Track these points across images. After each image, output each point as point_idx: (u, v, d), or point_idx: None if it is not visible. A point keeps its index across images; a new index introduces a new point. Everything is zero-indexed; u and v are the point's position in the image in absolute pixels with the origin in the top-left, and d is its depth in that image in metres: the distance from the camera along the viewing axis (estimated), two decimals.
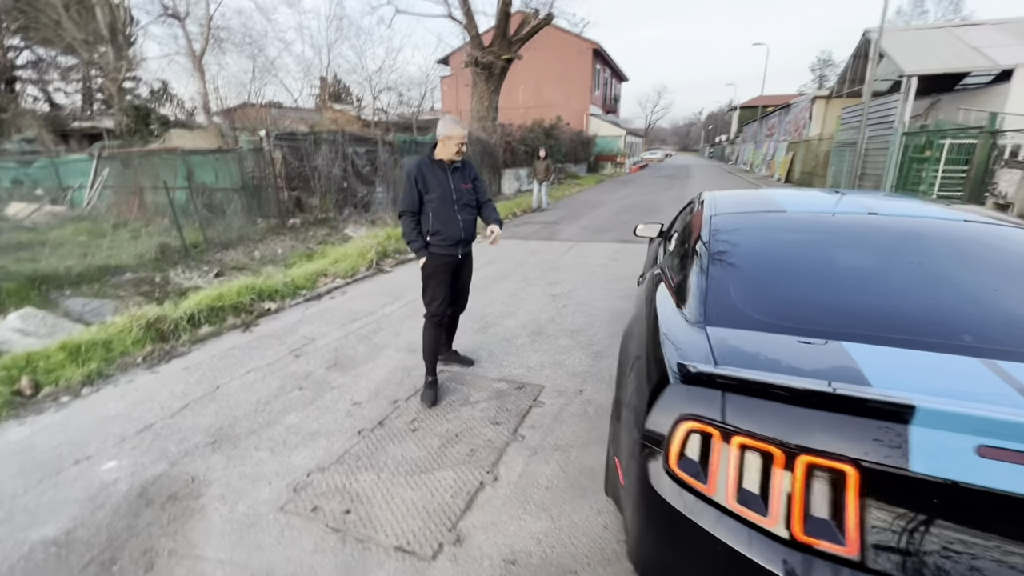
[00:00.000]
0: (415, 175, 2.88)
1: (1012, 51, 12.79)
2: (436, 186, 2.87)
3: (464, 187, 2.97)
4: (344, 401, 3.11)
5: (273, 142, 9.67)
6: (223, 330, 4.45)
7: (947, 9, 44.01)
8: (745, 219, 2.06)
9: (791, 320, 1.45)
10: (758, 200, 2.32)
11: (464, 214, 2.96)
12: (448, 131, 2.84)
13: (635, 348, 1.72)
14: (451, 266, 3.03)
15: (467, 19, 16.51)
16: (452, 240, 2.94)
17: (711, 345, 1.34)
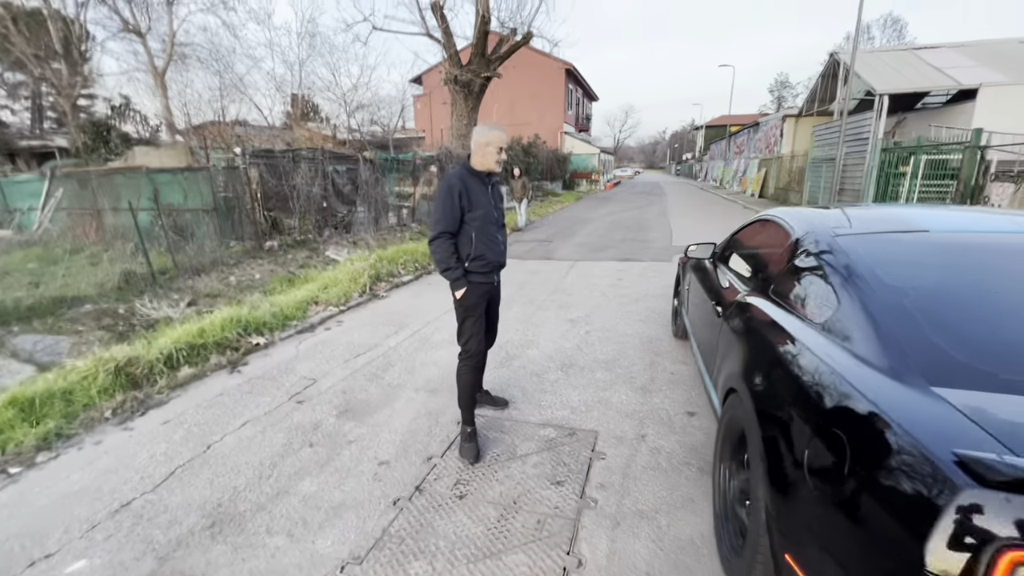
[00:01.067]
0: (459, 189, 2.40)
1: (972, 72, 13.42)
2: (480, 202, 2.46)
3: (500, 204, 2.63)
4: (367, 460, 2.62)
5: (249, 159, 9.06)
6: (206, 371, 3.86)
7: (891, 35, 46.98)
8: (890, 242, 1.73)
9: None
10: (877, 219, 2.01)
11: (503, 234, 2.65)
12: (486, 136, 2.44)
13: (798, 416, 1.34)
14: (488, 295, 2.65)
15: (445, 37, 16.33)
16: (493, 265, 2.59)
17: (976, 422, 0.97)
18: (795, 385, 1.40)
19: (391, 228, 12.68)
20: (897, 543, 0.94)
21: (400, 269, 7.42)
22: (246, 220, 9.42)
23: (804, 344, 1.50)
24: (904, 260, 1.60)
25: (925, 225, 1.82)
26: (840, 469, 1.12)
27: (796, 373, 1.43)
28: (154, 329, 5.15)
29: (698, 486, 2.32)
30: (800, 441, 1.30)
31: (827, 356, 1.38)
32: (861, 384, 1.20)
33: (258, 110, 19.77)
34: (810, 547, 1.21)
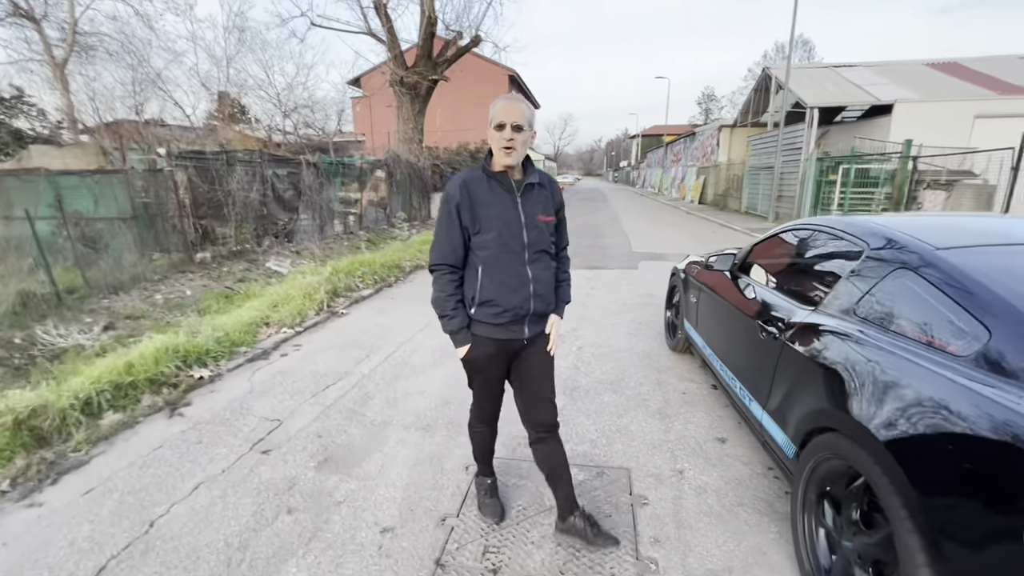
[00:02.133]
0: (457, 200, 1.70)
1: (887, 89, 14.67)
2: (492, 220, 1.69)
3: (543, 219, 1.76)
4: (365, 527, 2.13)
5: (175, 161, 8.03)
6: (138, 417, 3.15)
7: (803, 54, 51.25)
8: (1014, 257, 1.54)
9: None
10: (960, 230, 1.83)
11: (539, 267, 1.77)
12: (492, 112, 1.68)
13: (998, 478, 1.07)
14: (510, 356, 1.86)
15: (390, 37, 15.72)
16: (515, 314, 1.75)
17: None
18: (974, 437, 1.14)
19: (337, 236, 11.87)
20: None
21: (358, 282, 6.80)
22: (172, 229, 8.35)
23: (958, 384, 1.24)
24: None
25: (1011, 238, 1.66)
26: None
27: (970, 423, 1.16)
28: (61, 360, 4.29)
29: (762, 533, 2.05)
30: (1004, 513, 1.03)
31: (1012, 401, 1.12)
32: None
33: (179, 108, 18.01)
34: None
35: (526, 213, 1.73)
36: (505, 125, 1.62)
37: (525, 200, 1.74)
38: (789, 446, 1.90)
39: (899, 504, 1.28)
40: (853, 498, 1.54)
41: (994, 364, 1.24)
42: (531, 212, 1.74)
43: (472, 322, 1.79)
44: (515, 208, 1.72)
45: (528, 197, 1.75)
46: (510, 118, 1.62)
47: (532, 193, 1.76)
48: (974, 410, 1.17)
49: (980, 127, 13.07)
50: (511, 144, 1.63)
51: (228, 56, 18.52)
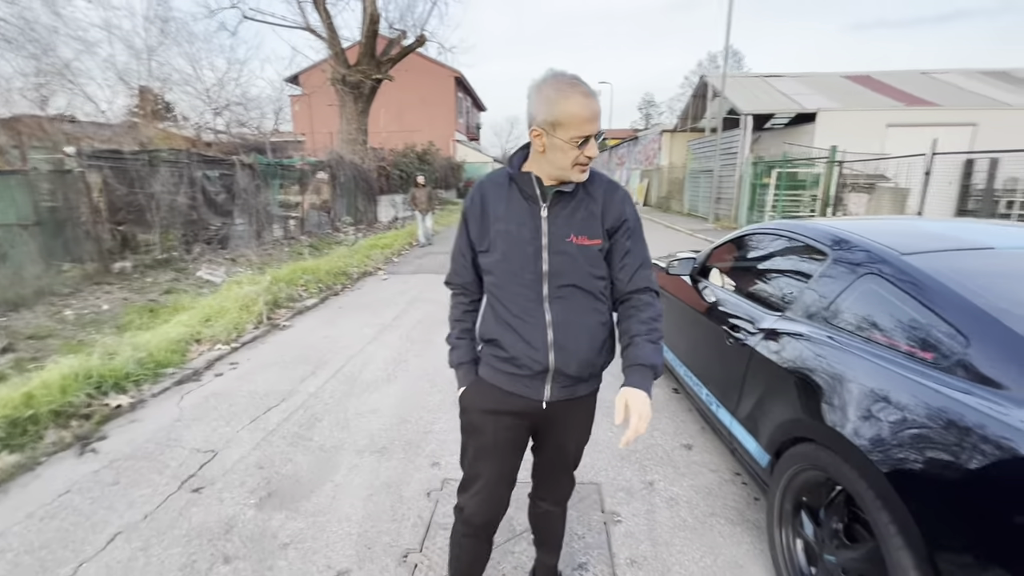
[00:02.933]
0: (467, 207, 1.36)
1: (811, 98, 15.73)
2: (502, 234, 1.28)
3: (578, 242, 1.26)
4: (317, 572, 1.90)
5: (88, 161, 7.24)
6: (39, 457, 2.72)
7: (733, 64, 54.31)
8: (975, 262, 1.56)
9: None
10: (921, 235, 1.86)
11: (566, 308, 1.27)
12: (557, 110, 1.16)
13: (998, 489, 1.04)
14: (525, 420, 1.36)
15: (330, 33, 15.10)
16: (527, 367, 1.28)
17: None
18: (964, 448, 1.11)
19: (277, 242, 11.22)
20: None
21: (302, 291, 6.38)
22: (85, 236, 7.51)
23: (942, 394, 1.22)
24: (1008, 283, 1.42)
25: (984, 242, 1.71)
26: None
27: (957, 432, 1.14)
28: None
29: (737, 544, 2.01)
30: (1001, 525, 1.00)
31: (997, 411, 1.10)
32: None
33: (93, 103, 16.40)
34: None
35: (552, 231, 1.24)
36: (590, 138, 1.17)
37: (555, 213, 1.25)
38: (762, 455, 1.87)
39: (887, 519, 1.24)
40: (834, 511, 1.51)
41: (973, 371, 1.24)
42: (560, 230, 1.25)
43: (481, 360, 1.37)
44: (533, 223, 1.25)
45: (560, 209, 1.26)
46: (594, 127, 1.17)
47: (569, 204, 1.26)
48: (961, 419, 1.15)
49: (891, 135, 14.26)
50: (588, 162, 1.22)
51: (149, 48, 17.09)
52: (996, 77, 17.56)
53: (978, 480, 1.08)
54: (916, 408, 1.26)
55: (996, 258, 1.61)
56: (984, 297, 1.34)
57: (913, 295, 1.48)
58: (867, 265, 1.69)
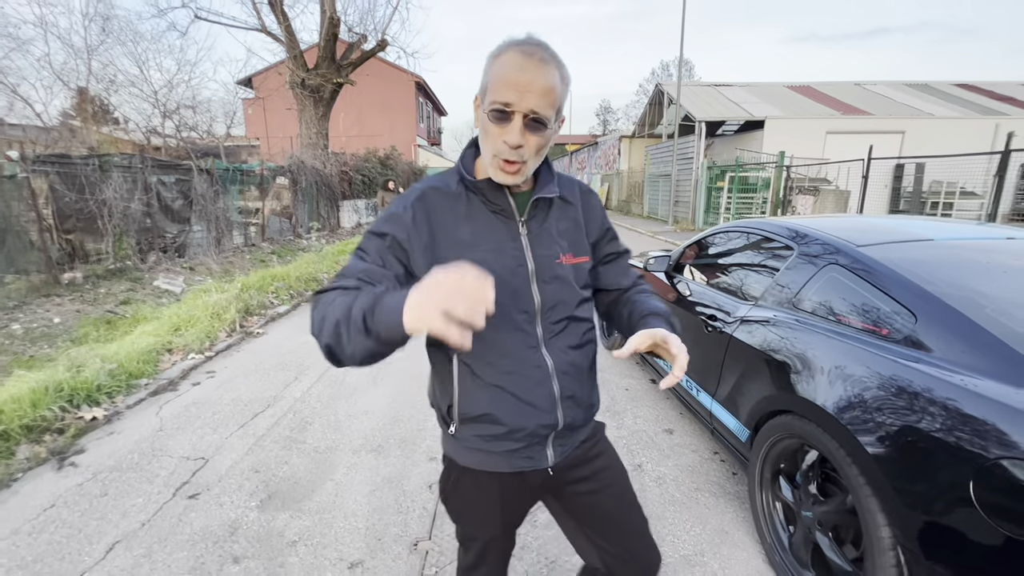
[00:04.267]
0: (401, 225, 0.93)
1: (759, 107, 16.67)
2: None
3: (568, 261, 1.00)
4: (330, 564, 1.95)
5: (33, 167, 6.84)
6: (14, 473, 2.61)
7: (685, 73, 56.54)
8: (923, 252, 1.80)
9: None
10: (871, 230, 2.11)
11: (564, 347, 0.99)
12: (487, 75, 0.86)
13: (938, 441, 1.25)
14: (526, 497, 1.10)
15: (288, 36, 14.80)
16: (529, 434, 0.98)
17: None
18: (919, 407, 1.32)
19: (237, 249, 10.88)
20: None
21: (272, 298, 6.26)
22: (30, 246, 7.07)
23: (899, 363, 1.44)
24: (945, 268, 1.67)
25: (922, 234, 1.97)
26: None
27: (913, 394, 1.35)
28: None
29: (721, 514, 2.20)
30: (950, 470, 1.21)
31: (948, 375, 1.32)
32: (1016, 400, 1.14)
33: (27, 105, 15.34)
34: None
35: (537, 254, 0.96)
36: (512, 112, 0.82)
37: (536, 228, 0.97)
38: (742, 431, 2.07)
39: (857, 473, 1.44)
40: (809, 472, 1.72)
41: (921, 344, 1.46)
42: (547, 249, 0.97)
43: (457, 436, 1.01)
44: (514, 245, 0.95)
45: (540, 222, 0.98)
46: (525, 100, 0.81)
47: (549, 215, 0.99)
48: (914, 385, 1.36)
49: (831, 141, 15.32)
50: (517, 158, 0.86)
51: (89, 47, 16.18)
52: (920, 89, 19.17)
53: (929, 431, 1.28)
54: (877, 376, 1.47)
55: (935, 248, 1.87)
56: (927, 280, 1.57)
57: (868, 280, 1.71)
58: (828, 256, 1.92)
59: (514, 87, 0.81)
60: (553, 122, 0.87)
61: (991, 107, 16.95)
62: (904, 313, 1.55)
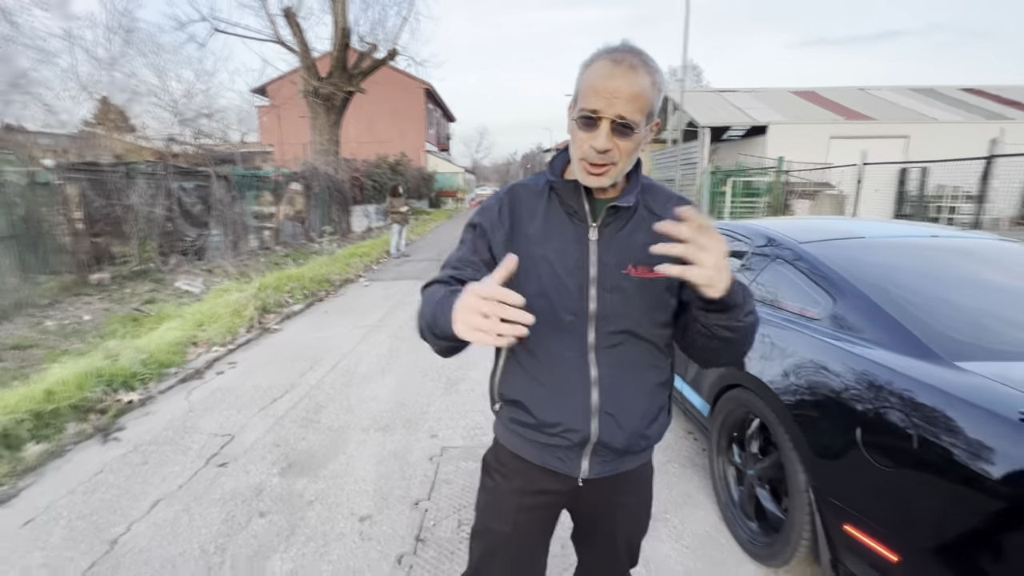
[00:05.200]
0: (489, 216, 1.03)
1: (762, 112, 16.86)
2: (539, 261, 0.96)
3: (638, 274, 0.94)
4: (343, 517, 2.26)
5: (66, 174, 7.29)
6: (65, 446, 2.96)
7: (692, 79, 56.65)
8: (848, 248, 2.07)
9: (1013, 344, 1.44)
10: (809, 229, 2.38)
11: (613, 361, 0.97)
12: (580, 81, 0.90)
13: (838, 400, 1.53)
14: (553, 503, 1.10)
15: (301, 47, 15.30)
16: (561, 436, 0.98)
17: (1016, 386, 1.21)
18: (826, 374, 1.60)
19: (253, 252, 11.30)
20: (987, 492, 1.12)
21: (288, 298, 6.62)
22: (61, 249, 7.53)
23: (818, 338, 1.71)
24: (870, 260, 1.94)
25: (857, 232, 2.24)
26: (901, 439, 1.31)
27: (823, 364, 1.63)
28: None
29: (687, 481, 2.48)
30: (845, 421, 1.48)
31: (849, 346, 1.59)
32: (901, 366, 1.41)
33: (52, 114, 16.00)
34: (877, 515, 1.37)
35: (603, 260, 0.95)
36: (599, 118, 0.85)
37: (607, 236, 0.96)
38: (704, 406, 2.35)
39: (783, 431, 1.72)
40: (753, 437, 1.99)
41: (838, 323, 1.73)
42: (613, 258, 0.95)
43: (497, 418, 1.09)
44: (579, 248, 0.96)
45: (614, 231, 0.96)
46: (613, 106, 0.83)
47: (626, 223, 0.97)
48: (828, 358, 1.64)
49: (834, 146, 15.47)
50: (605, 160, 0.88)
51: (113, 59, 16.84)
52: (924, 93, 19.22)
53: (833, 393, 1.55)
54: (804, 353, 1.75)
55: (863, 244, 2.13)
56: (848, 270, 1.85)
57: (804, 271, 1.99)
58: (775, 252, 2.20)
59: (602, 94, 0.83)
60: (643, 126, 0.88)
61: (997, 111, 16.99)
62: (826, 297, 1.82)
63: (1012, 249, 2.11)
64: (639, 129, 0.86)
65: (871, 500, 1.39)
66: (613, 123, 0.84)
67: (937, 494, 1.23)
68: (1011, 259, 2.00)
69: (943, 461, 1.21)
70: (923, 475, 1.26)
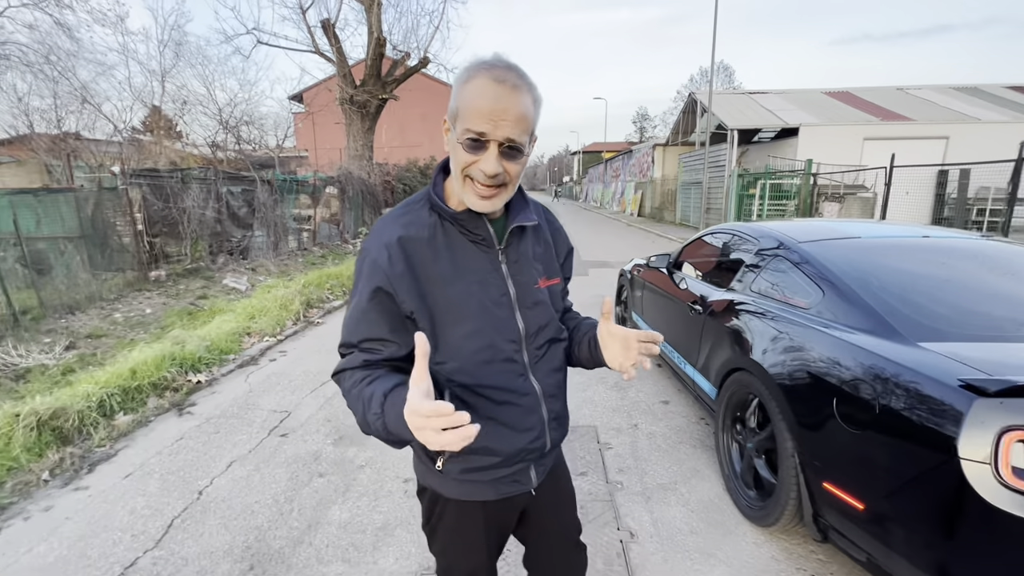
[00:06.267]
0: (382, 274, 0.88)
1: (793, 114, 16.67)
2: (463, 300, 0.92)
3: (545, 284, 1.03)
4: (390, 480, 2.60)
5: (130, 180, 7.99)
6: (148, 417, 3.42)
7: (723, 79, 55.83)
8: (842, 247, 2.30)
9: (982, 329, 1.65)
10: (811, 230, 2.60)
11: (548, 370, 1.03)
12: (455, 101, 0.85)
13: (819, 376, 1.77)
14: (507, 521, 1.12)
15: (338, 56, 15.98)
16: (519, 460, 1.01)
17: (959, 360, 1.44)
18: (810, 355, 1.84)
19: (292, 253, 11.94)
20: (928, 446, 1.36)
21: (328, 294, 7.10)
22: (125, 248, 8.24)
23: (806, 325, 1.95)
24: (860, 258, 2.16)
25: (855, 233, 2.45)
26: (867, 406, 1.55)
27: (808, 347, 1.87)
28: (26, 380, 4.40)
29: (696, 459, 2.73)
30: (824, 395, 1.72)
31: (830, 330, 1.83)
32: (869, 345, 1.65)
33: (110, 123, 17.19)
34: (848, 471, 1.61)
35: (517, 281, 0.97)
36: (487, 141, 0.81)
37: (513, 255, 0.98)
38: (712, 390, 2.60)
39: (775, 408, 1.96)
40: (752, 414, 2.23)
41: (826, 312, 1.97)
42: (525, 276, 0.98)
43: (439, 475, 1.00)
44: (496, 274, 0.95)
45: (516, 248, 0.98)
46: (500, 129, 0.80)
47: (524, 240, 1.00)
48: (813, 343, 1.88)
49: (869, 148, 15.19)
50: (495, 182, 0.84)
51: (164, 70, 17.96)
52: (968, 92, 18.60)
53: (816, 370, 1.79)
54: (793, 339, 1.99)
55: (858, 243, 2.34)
56: (837, 265, 2.07)
57: (799, 266, 2.22)
58: (777, 250, 2.43)
59: (487, 117, 0.79)
60: (528, 146, 0.86)
61: None
62: (816, 289, 2.06)
63: (993, 247, 2.29)
64: (525, 149, 0.86)
65: (843, 460, 1.63)
66: (501, 146, 0.82)
67: (893, 450, 1.47)
68: (990, 255, 2.19)
69: (899, 422, 1.45)
70: (883, 435, 1.50)
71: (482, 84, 0.80)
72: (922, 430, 1.38)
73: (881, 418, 1.50)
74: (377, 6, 14.83)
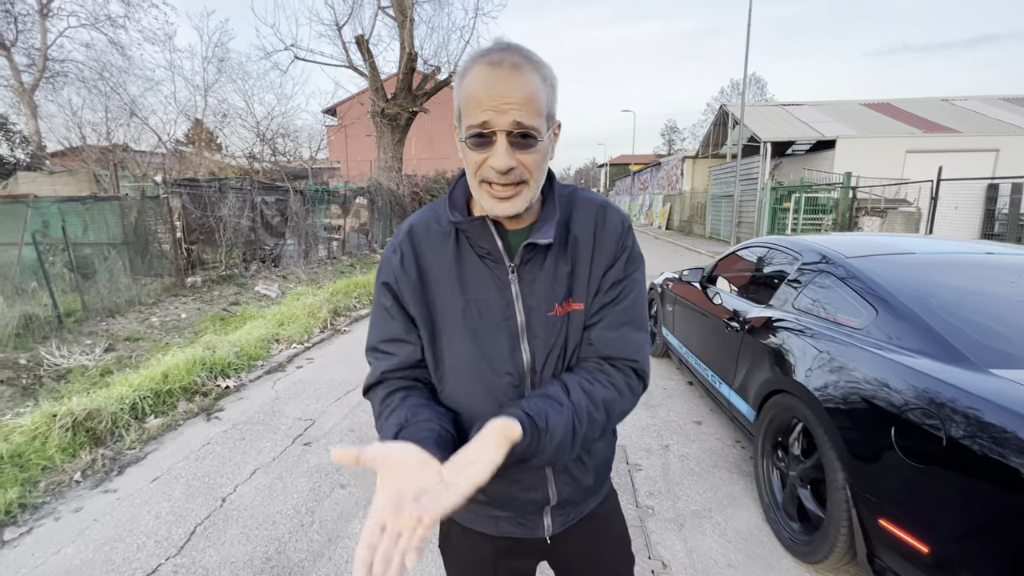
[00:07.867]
0: (392, 270, 0.84)
1: (830, 126, 16.20)
2: (459, 318, 0.81)
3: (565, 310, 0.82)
4: None
5: (171, 189, 8.30)
6: (177, 421, 3.46)
7: (755, 91, 54.91)
8: (895, 263, 2.15)
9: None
10: (859, 244, 2.45)
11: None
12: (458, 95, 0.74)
13: (875, 403, 1.63)
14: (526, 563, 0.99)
15: (371, 71, 16.38)
16: (513, 507, 0.88)
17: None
18: (864, 379, 1.70)
19: (321, 261, 12.17)
20: (1006, 487, 1.21)
21: (355, 302, 7.17)
22: (163, 254, 8.54)
23: (858, 347, 1.82)
24: (916, 275, 2.01)
25: (907, 248, 2.29)
26: (932, 439, 1.41)
27: (861, 370, 1.73)
28: (66, 380, 4.54)
29: (733, 485, 2.57)
30: (880, 423, 1.58)
31: (887, 353, 1.69)
32: (934, 371, 1.51)
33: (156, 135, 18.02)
34: (909, 509, 1.47)
35: (528, 305, 0.81)
36: (492, 132, 0.71)
37: (529, 274, 0.82)
38: (750, 412, 2.45)
39: (824, 435, 1.82)
40: (795, 440, 2.09)
41: (880, 333, 1.83)
42: (540, 300, 0.82)
43: None
44: (502, 295, 0.81)
45: (535, 266, 0.82)
46: (505, 115, 0.69)
47: (547, 257, 0.82)
48: (867, 366, 1.74)
49: (911, 160, 14.60)
50: (510, 180, 0.73)
51: (207, 85, 18.77)
52: (1018, 103, 17.74)
53: (869, 395, 1.65)
54: (844, 360, 1.85)
55: (913, 259, 2.19)
56: (891, 282, 1.93)
57: (846, 282, 2.08)
58: (821, 266, 2.29)
59: (487, 104, 0.69)
60: (546, 132, 0.74)
61: None
62: (868, 308, 1.91)
63: None
64: (541, 136, 0.72)
65: (904, 496, 1.49)
66: (510, 135, 0.70)
67: (964, 489, 1.33)
68: None
69: (970, 458, 1.31)
70: (952, 471, 1.36)
71: (478, 72, 0.71)
72: (1000, 468, 1.24)
73: (949, 452, 1.36)
74: (410, 22, 15.18)
